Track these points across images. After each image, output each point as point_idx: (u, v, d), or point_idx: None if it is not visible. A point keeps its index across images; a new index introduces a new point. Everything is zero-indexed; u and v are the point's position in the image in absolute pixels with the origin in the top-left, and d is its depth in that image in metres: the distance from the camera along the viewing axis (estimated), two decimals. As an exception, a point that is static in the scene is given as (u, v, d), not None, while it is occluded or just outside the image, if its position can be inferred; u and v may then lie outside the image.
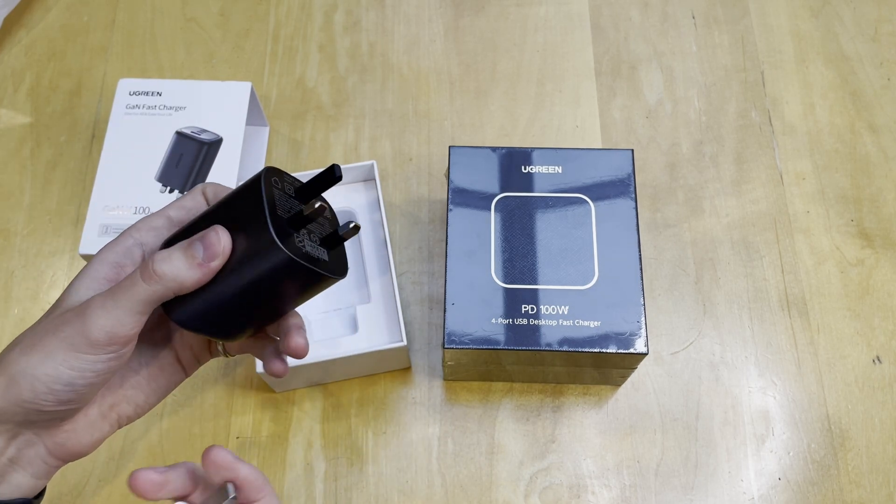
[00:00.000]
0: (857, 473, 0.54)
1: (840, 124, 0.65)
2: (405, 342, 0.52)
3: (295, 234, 0.33)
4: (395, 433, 0.55)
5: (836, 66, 0.68)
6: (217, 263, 0.32)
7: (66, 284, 0.60)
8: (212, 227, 0.33)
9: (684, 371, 0.57)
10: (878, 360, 0.57)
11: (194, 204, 0.36)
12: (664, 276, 0.60)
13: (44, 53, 0.69)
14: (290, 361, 0.51)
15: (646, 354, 0.49)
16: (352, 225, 0.35)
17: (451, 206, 0.53)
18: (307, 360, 0.51)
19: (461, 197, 0.53)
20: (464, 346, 0.49)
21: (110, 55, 0.69)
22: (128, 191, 0.55)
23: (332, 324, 0.55)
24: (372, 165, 0.58)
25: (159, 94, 0.59)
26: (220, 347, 0.39)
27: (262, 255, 0.32)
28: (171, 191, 0.56)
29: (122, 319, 0.32)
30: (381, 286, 0.56)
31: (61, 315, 0.32)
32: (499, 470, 0.54)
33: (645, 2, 0.71)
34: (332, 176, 0.34)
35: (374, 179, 0.58)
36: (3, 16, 0.68)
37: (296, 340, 0.36)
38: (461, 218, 0.53)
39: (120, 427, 0.37)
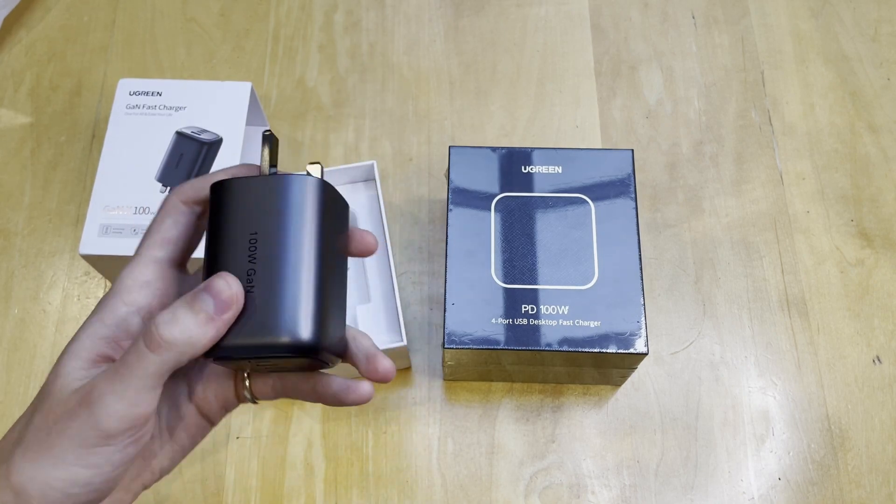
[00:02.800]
0: (857, 473, 0.54)
1: (840, 124, 0.65)
2: (405, 342, 0.52)
3: None
4: (395, 433, 0.55)
5: (836, 66, 0.68)
6: (231, 314, 0.28)
7: (66, 285, 0.60)
8: (216, 274, 0.28)
9: (684, 371, 0.57)
10: (878, 360, 0.57)
11: (177, 228, 0.31)
12: (664, 276, 0.60)
13: (44, 53, 0.69)
14: None
15: (646, 354, 0.49)
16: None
17: (451, 206, 0.53)
18: None
19: (461, 197, 0.53)
20: (464, 346, 0.49)
21: (110, 55, 0.69)
22: (128, 191, 0.55)
23: None
24: (372, 165, 0.58)
25: (159, 94, 0.59)
26: (245, 392, 0.33)
27: (280, 195, 0.29)
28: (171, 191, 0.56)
29: (136, 400, 0.27)
30: (381, 286, 0.56)
31: (61, 407, 0.28)
32: (499, 470, 0.54)
33: (645, 2, 0.71)
34: (267, 143, 0.31)
35: (374, 179, 0.58)
36: (3, 16, 0.68)
37: (383, 363, 0.31)
38: (461, 218, 0.53)
39: (144, 490, 0.33)
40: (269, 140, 0.31)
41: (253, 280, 0.29)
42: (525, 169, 0.54)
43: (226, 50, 0.69)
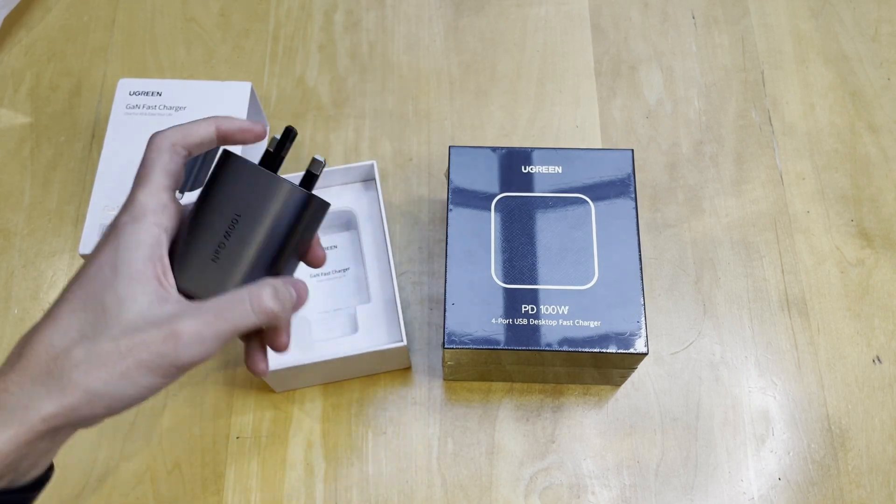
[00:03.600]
0: (857, 473, 0.54)
1: (840, 124, 0.65)
2: (405, 342, 0.52)
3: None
4: (395, 433, 0.55)
5: (836, 66, 0.68)
6: (297, 309, 0.37)
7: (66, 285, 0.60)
8: (304, 285, 0.37)
9: (684, 371, 0.57)
10: (878, 360, 0.57)
11: (174, 163, 0.35)
12: (664, 276, 0.60)
13: (44, 53, 0.69)
14: (294, 361, 0.51)
15: (646, 354, 0.49)
16: (315, 158, 0.38)
17: (451, 206, 0.53)
18: (308, 359, 0.51)
19: (461, 197, 0.53)
20: (464, 346, 0.49)
21: (110, 55, 0.69)
22: (127, 191, 0.55)
23: (332, 324, 0.55)
24: (372, 165, 0.58)
25: (159, 94, 0.59)
26: None
27: (273, 197, 0.36)
28: (171, 191, 0.56)
29: (214, 348, 0.33)
30: (381, 286, 0.56)
31: (137, 336, 0.32)
32: (499, 470, 0.54)
33: (645, 2, 0.71)
34: (289, 136, 0.38)
35: (374, 179, 0.58)
36: (3, 16, 0.68)
37: (281, 338, 0.38)
38: (461, 218, 0.53)
39: None
40: (288, 134, 0.38)
41: (220, 253, 0.35)
42: (525, 169, 0.54)
43: (226, 50, 0.69)
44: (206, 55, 0.69)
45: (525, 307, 0.50)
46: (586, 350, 0.49)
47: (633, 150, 0.55)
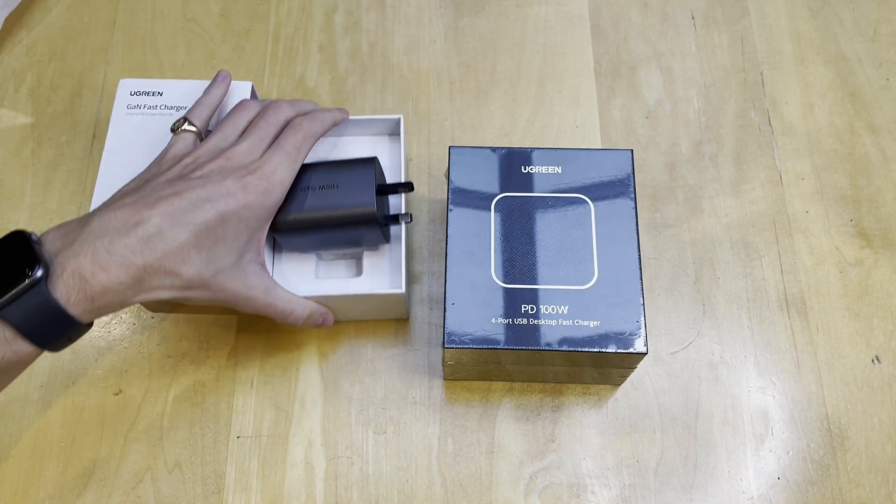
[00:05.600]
0: (857, 473, 0.54)
1: (839, 124, 0.66)
2: (404, 290, 0.52)
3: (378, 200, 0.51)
4: (395, 433, 0.55)
5: (836, 66, 0.68)
6: (319, 325, 0.54)
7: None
8: (330, 314, 0.54)
9: (684, 371, 0.57)
10: (878, 359, 0.57)
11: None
12: (664, 276, 0.60)
13: (44, 54, 0.69)
14: (296, 294, 0.53)
15: (645, 354, 0.49)
16: (405, 214, 0.53)
17: (451, 206, 0.53)
18: (309, 293, 0.52)
19: (461, 197, 0.53)
20: (464, 346, 0.49)
21: (111, 55, 0.69)
22: (128, 191, 0.55)
23: (338, 266, 0.56)
24: (398, 119, 0.58)
25: (160, 94, 0.59)
26: None
27: (359, 205, 0.50)
28: (171, 191, 0.56)
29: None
30: (391, 234, 0.56)
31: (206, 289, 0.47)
32: (499, 469, 0.54)
33: (644, 2, 0.71)
34: (407, 187, 0.53)
35: (399, 133, 0.58)
36: (4, 16, 0.68)
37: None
38: (461, 218, 0.53)
39: None
40: (405, 185, 0.53)
41: (308, 192, 0.52)
42: (525, 169, 0.54)
43: (226, 50, 0.69)
44: (207, 55, 0.69)
45: (525, 307, 0.50)
46: (586, 350, 0.49)
47: (632, 151, 0.55)
